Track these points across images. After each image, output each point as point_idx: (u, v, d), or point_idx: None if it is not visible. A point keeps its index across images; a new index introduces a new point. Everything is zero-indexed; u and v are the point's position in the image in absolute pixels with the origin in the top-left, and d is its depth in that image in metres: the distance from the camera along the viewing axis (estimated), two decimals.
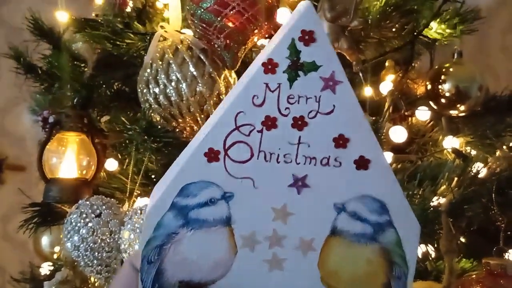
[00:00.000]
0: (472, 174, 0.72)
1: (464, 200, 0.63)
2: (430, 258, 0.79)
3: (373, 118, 0.74)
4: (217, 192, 0.30)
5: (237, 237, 0.30)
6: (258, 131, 0.29)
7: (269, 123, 0.29)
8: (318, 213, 0.30)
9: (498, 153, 1.01)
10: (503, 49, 2.22)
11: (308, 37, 0.29)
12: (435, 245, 0.67)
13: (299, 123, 0.29)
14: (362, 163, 0.29)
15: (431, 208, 0.63)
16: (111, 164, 0.95)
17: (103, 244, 0.72)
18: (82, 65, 0.95)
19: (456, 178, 0.70)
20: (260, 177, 0.29)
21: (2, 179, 1.76)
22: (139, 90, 0.79)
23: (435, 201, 0.64)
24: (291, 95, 0.29)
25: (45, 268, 0.99)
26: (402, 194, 0.30)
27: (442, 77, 0.91)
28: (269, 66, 0.29)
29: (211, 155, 0.29)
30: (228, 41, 0.75)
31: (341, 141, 0.29)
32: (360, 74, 0.83)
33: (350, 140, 0.29)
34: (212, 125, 0.29)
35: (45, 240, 1.13)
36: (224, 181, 0.29)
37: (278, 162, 0.29)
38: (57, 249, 1.05)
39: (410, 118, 1.02)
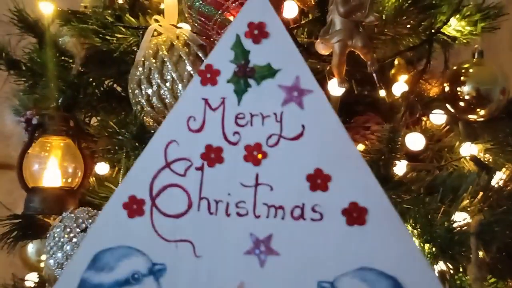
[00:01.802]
0: (497, 187, 0.65)
1: (495, 221, 0.56)
2: (448, 277, 0.72)
3: (391, 125, 0.67)
4: (142, 263, 0.19)
5: None
6: (197, 169, 0.20)
7: (212, 155, 0.19)
8: None
9: None
10: None
11: (257, 31, 0.20)
12: (461, 271, 0.61)
13: (254, 155, 0.19)
14: (355, 215, 0.18)
15: (458, 229, 0.56)
16: (102, 168, 0.88)
17: None
18: (70, 61, 0.88)
19: (481, 193, 0.63)
20: (203, 240, 0.19)
21: None
22: (130, 90, 0.72)
23: (461, 220, 0.57)
24: (241, 113, 0.20)
25: (30, 281, 0.91)
26: (425, 261, 0.19)
27: (462, 78, 0.84)
28: (208, 75, 0.20)
29: (133, 207, 0.19)
30: None
31: (318, 180, 0.19)
32: (374, 76, 0.75)
33: (332, 178, 0.19)
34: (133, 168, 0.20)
35: (31, 248, 1.06)
36: (151, 246, 0.19)
37: (228, 215, 0.19)
38: (43, 257, 0.98)
39: (424, 122, 0.94)
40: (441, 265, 0.73)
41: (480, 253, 0.58)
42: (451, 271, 0.72)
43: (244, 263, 0.19)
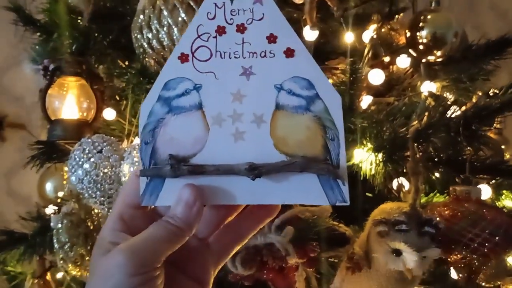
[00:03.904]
0: (442, 110, 0.78)
1: (429, 127, 0.70)
2: (403, 190, 0.87)
3: (351, 59, 0.80)
4: (190, 84, 0.39)
5: (208, 117, 0.39)
6: (213, 37, 0.39)
7: (220, 30, 0.39)
8: (263, 93, 0.39)
9: (474, 98, 1.08)
10: (492, 7, 2.26)
11: None
12: (404, 169, 0.74)
13: (241, 28, 0.39)
14: (289, 53, 0.38)
15: (400, 136, 0.69)
16: (109, 113, 1.01)
17: (105, 177, 0.79)
18: (79, 18, 1.00)
19: (426, 114, 0.77)
20: (219, 71, 0.39)
21: (3, 136, 1.82)
22: (133, 36, 0.84)
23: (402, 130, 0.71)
24: (233, 9, 0.39)
25: (50, 209, 1.05)
26: (323, 74, 0.39)
27: (420, 24, 0.96)
28: None
29: (183, 58, 0.39)
30: None
31: (272, 38, 0.39)
32: (342, 20, 0.88)
33: (278, 37, 0.39)
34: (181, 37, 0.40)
35: (49, 186, 1.21)
36: (194, 76, 0.39)
37: (230, 58, 0.39)
38: (60, 194, 1.12)
39: (391, 66, 1.07)
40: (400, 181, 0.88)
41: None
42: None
43: (240, 80, 0.38)
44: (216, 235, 0.42)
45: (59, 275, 1.10)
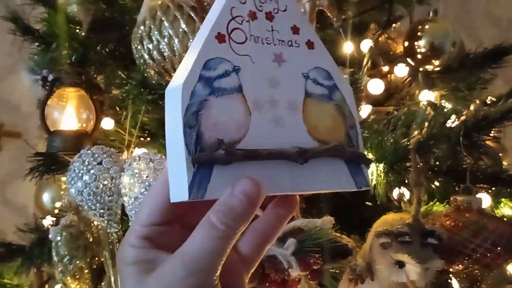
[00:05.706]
0: (442, 120, 0.79)
1: (431, 138, 0.70)
2: (404, 200, 0.87)
3: (351, 69, 0.80)
4: (229, 66, 0.37)
5: (248, 101, 0.38)
6: (247, 21, 0.39)
7: (252, 15, 0.39)
8: (295, 80, 0.39)
9: (472, 107, 1.08)
10: (487, 14, 2.28)
11: None
12: (406, 181, 0.74)
13: (269, 16, 0.40)
14: (310, 45, 0.40)
15: (402, 147, 0.70)
16: (107, 123, 1.01)
17: (105, 189, 0.78)
18: (78, 27, 1.00)
19: (426, 124, 0.77)
20: (254, 54, 0.38)
21: None
22: (133, 47, 0.84)
23: (404, 141, 0.71)
24: None
25: (48, 220, 1.05)
26: (337, 66, 0.40)
27: (418, 34, 0.97)
28: None
29: (220, 38, 0.38)
30: None
31: (295, 30, 0.40)
32: (341, 30, 0.88)
33: (300, 29, 0.40)
34: (215, 18, 0.38)
35: (46, 197, 1.20)
36: (232, 58, 0.38)
37: (263, 44, 0.39)
38: (58, 204, 1.11)
39: (389, 75, 1.08)
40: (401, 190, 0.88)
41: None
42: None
43: (273, 65, 0.38)
44: (242, 239, 0.39)
45: (57, 287, 1.09)
